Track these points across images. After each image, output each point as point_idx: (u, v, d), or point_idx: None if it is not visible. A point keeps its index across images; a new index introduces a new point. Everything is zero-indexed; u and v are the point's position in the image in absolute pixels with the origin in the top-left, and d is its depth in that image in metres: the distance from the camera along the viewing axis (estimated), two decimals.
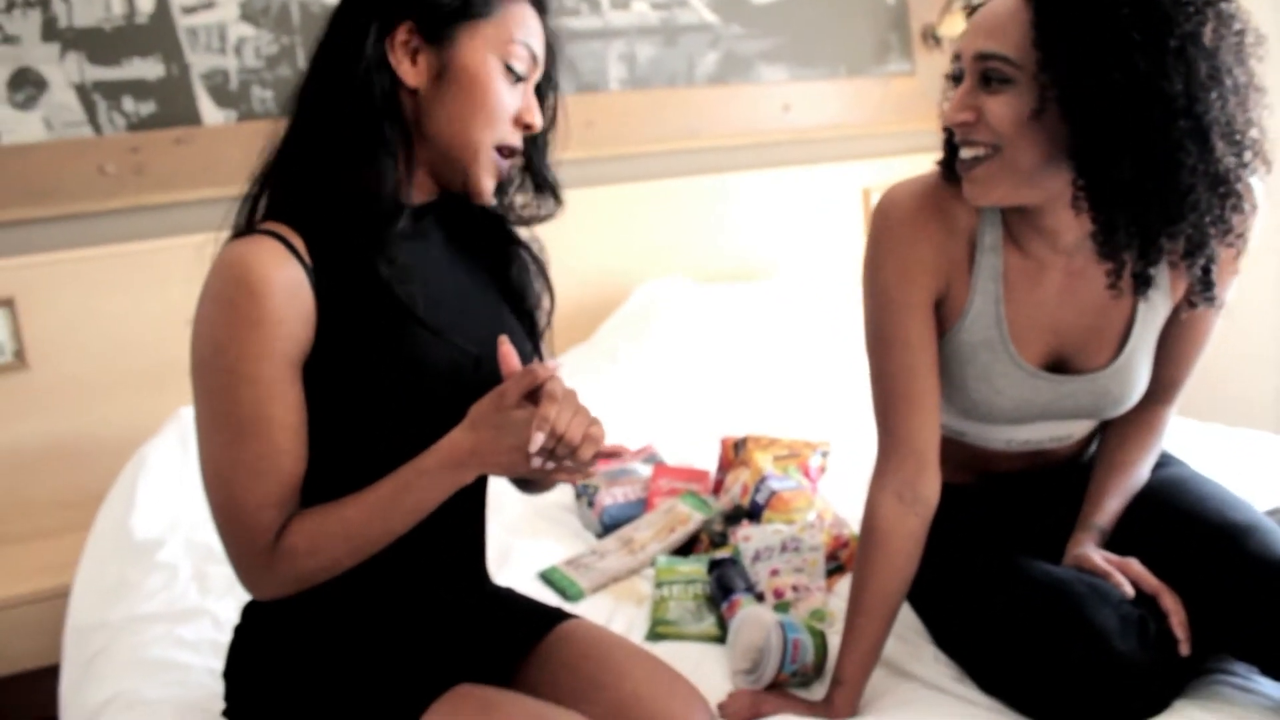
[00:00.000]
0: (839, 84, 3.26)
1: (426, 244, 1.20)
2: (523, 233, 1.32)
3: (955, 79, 1.29)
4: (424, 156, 1.17)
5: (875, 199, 1.39)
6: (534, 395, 1.08)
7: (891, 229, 1.33)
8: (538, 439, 1.02)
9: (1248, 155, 1.16)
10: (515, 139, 1.18)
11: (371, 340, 1.10)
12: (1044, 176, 1.21)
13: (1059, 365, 1.37)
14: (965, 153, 1.24)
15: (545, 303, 1.33)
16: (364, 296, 1.10)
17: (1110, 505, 1.38)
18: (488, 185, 1.18)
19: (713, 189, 3.07)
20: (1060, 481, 1.47)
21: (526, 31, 1.16)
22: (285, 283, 1.06)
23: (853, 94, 3.26)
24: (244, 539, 1.09)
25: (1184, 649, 1.20)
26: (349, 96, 1.12)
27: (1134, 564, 1.26)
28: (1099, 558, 1.29)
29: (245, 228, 1.14)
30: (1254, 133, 1.16)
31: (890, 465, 1.34)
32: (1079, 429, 1.44)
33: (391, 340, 1.11)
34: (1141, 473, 1.42)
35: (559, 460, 1.06)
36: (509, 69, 1.15)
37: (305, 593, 1.13)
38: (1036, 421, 1.39)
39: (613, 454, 1.10)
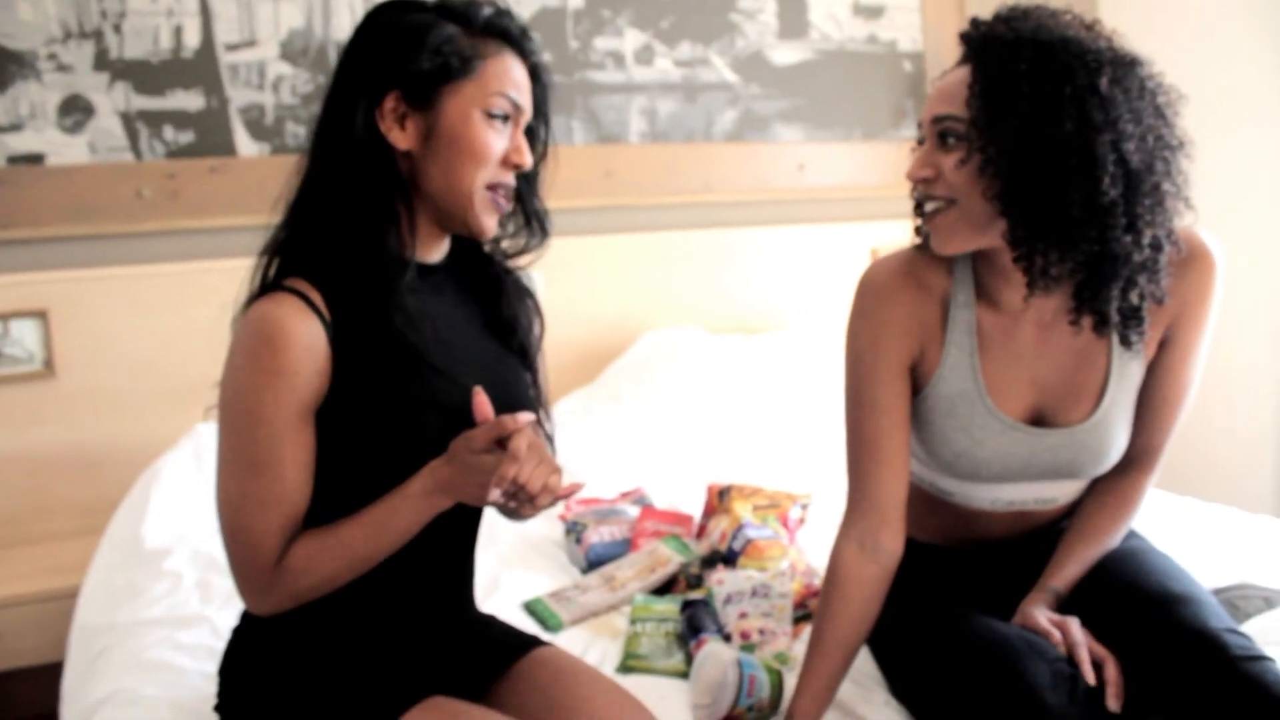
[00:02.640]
0: (854, 146, 3.36)
1: (438, 298, 1.29)
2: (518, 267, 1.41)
3: (921, 144, 1.41)
4: (426, 212, 1.26)
5: None
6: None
7: (867, 299, 1.43)
8: (494, 493, 1.13)
9: (1146, 194, 1.26)
10: (506, 177, 1.26)
11: (383, 384, 1.20)
12: (996, 219, 1.32)
13: (1039, 419, 1.44)
14: (928, 206, 1.37)
15: (536, 329, 1.42)
16: (377, 345, 1.20)
17: (1069, 571, 1.45)
18: (488, 223, 1.27)
19: (725, 242, 3.17)
20: (1038, 547, 1.52)
21: (505, 82, 1.24)
22: (303, 338, 1.16)
23: (866, 156, 3.36)
24: (248, 561, 1.20)
25: (1112, 705, 1.27)
26: (348, 167, 1.21)
27: (1073, 627, 1.34)
28: (1043, 618, 1.36)
29: (270, 284, 1.23)
30: (1156, 177, 1.26)
31: (855, 516, 1.42)
32: (1064, 492, 1.50)
33: (402, 383, 1.21)
34: (1109, 543, 1.48)
35: (519, 502, 1.16)
36: (491, 115, 1.23)
37: (300, 606, 1.23)
38: (1019, 480, 1.46)
39: (571, 492, 1.21)
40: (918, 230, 1.41)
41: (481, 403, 1.21)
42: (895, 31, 3.39)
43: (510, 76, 1.25)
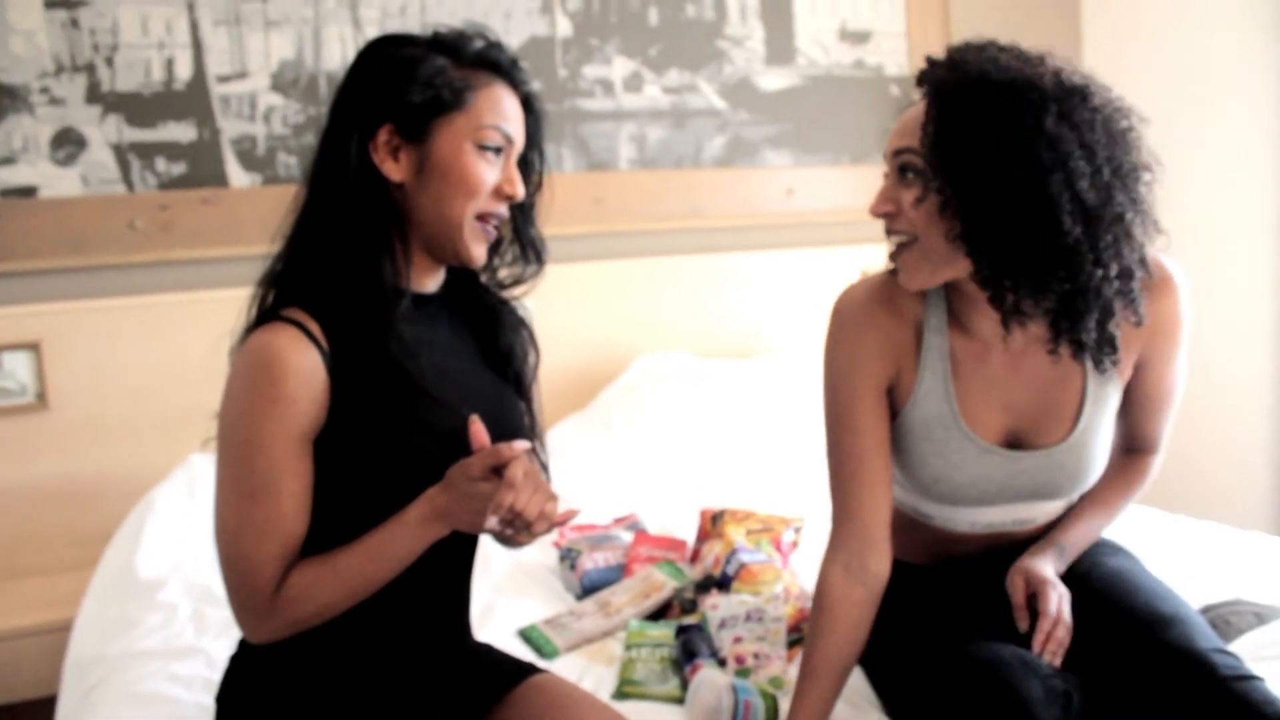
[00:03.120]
0: (842, 170, 3.38)
1: (434, 328, 1.31)
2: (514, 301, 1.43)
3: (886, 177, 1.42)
4: (419, 242, 1.27)
5: None
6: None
7: (843, 323, 1.45)
8: (492, 520, 1.14)
9: (1108, 228, 1.27)
10: (497, 207, 1.28)
11: (380, 412, 1.21)
12: (956, 255, 1.32)
13: (1015, 442, 1.45)
14: (891, 241, 1.38)
15: (531, 359, 1.43)
16: (374, 373, 1.21)
17: (1077, 530, 1.49)
18: (477, 251, 1.28)
19: (715, 267, 3.18)
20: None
21: (497, 115, 1.26)
22: (301, 367, 1.18)
23: (854, 180, 3.38)
24: (245, 589, 1.20)
25: (1047, 657, 1.32)
26: (342, 199, 1.23)
27: (1052, 598, 1.37)
28: (1048, 568, 1.41)
29: (269, 313, 1.24)
30: (1118, 208, 1.27)
31: (840, 539, 1.43)
32: (1042, 513, 1.51)
33: (398, 411, 1.22)
34: (1115, 513, 1.53)
35: (516, 529, 1.17)
36: (483, 148, 1.25)
37: (297, 635, 1.23)
38: (997, 503, 1.47)
39: (567, 519, 1.22)
40: (891, 257, 1.42)
41: (478, 431, 1.22)
42: (882, 56, 3.42)
43: (501, 108, 1.26)
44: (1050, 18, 3.50)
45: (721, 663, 1.65)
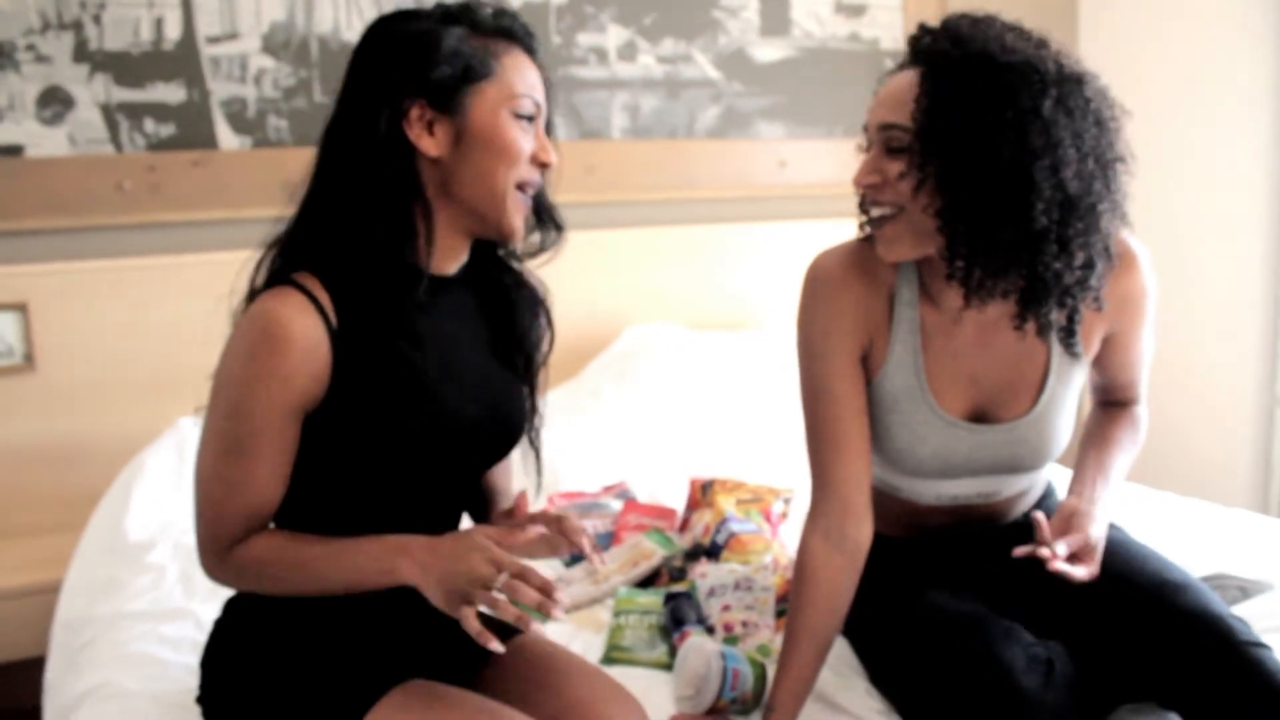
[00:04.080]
0: (834, 143, 3.37)
1: (446, 313, 1.29)
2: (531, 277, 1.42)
3: (866, 150, 1.41)
4: (449, 219, 1.25)
5: None
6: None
7: (818, 289, 1.45)
8: (466, 611, 1.12)
9: (1080, 217, 1.27)
10: (535, 175, 1.27)
11: (379, 398, 1.21)
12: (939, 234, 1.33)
13: (979, 416, 1.46)
14: (874, 211, 1.37)
15: (545, 344, 1.42)
16: (378, 358, 1.20)
17: (1109, 466, 1.47)
18: (518, 224, 1.27)
19: (707, 238, 3.18)
20: (993, 541, 1.54)
21: (526, 83, 1.24)
22: (304, 340, 1.16)
23: (847, 154, 3.30)
24: (207, 536, 1.23)
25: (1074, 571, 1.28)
26: (373, 177, 1.20)
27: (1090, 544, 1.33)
28: (1090, 533, 1.34)
29: (278, 276, 1.22)
30: (1093, 198, 1.27)
31: (820, 508, 1.44)
32: (1005, 487, 1.53)
33: (398, 400, 1.22)
34: (1124, 446, 1.52)
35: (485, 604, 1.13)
36: (518, 116, 1.23)
37: (294, 609, 1.25)
38: (962, 476, 1.48)
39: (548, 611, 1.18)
40: (862, 226, 1.43)
41: (523, 503, 1.26)
42: (877, 29, 3.40)
43: (527, 76, 1.25)
44: (1048, 2, 3.49)
45: (710, 630, 1.66)
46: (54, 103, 2.49)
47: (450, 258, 1.29)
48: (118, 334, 2.48)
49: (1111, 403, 1.59)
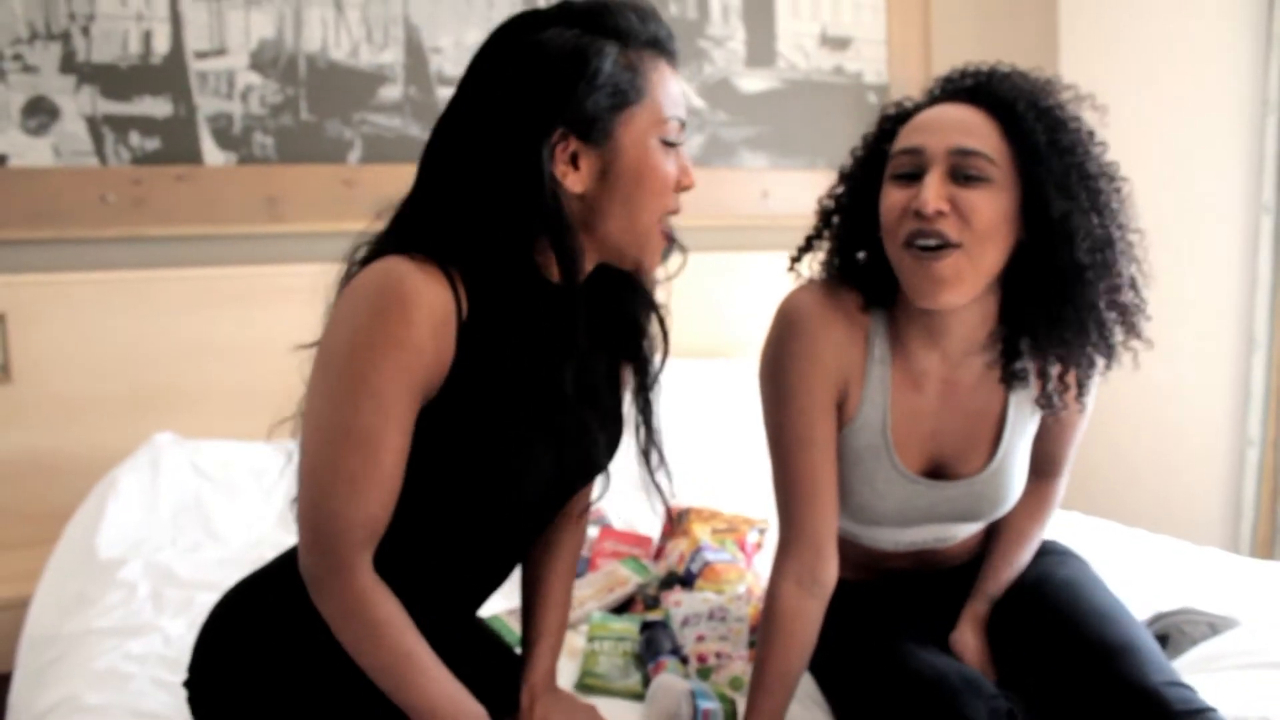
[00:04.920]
0: (817, 175, 3.39)
1: (567, 323, 1.17)
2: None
3: (906, 177, 1.31)
4: (588, 247, 1.16)
5: None
6: None
7: (795, 329, 1.40)
8: None
9: (1111, 263, 1.31)
10: (678, 203, 1.18)
11: (503, 407, 1.12)
12: (994, 272, 1.32)
13: (938, 471, 1.46)
14: (920, 242, 1.28)
15: (659, 358, 1.35)
16: (510, 362, 1.11)
17: (1002, 575, 1.52)
18: (656, 257, 1.20)
19: (689, 267, 3.16)
20: (950, 580, 1.57)
21: (674, 104, 1.15)
22: (436, 311, 1.05)
23: (829, 186, 3.39)
24: (324, 545, 1.08)
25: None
26: (507, 215, 1.10)
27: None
28: (971, 650, 1.46)
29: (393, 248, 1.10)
30: (1120, 243, 1.32)
31: (791, 553, 1.41)
32: (962, 531, 1.53)
33: (521, 411, 1.13)
34: (1033, 544, 1.55)
35: None
36: (665, 143, 1.14)
37: (298, 600, 1.13)
38: (920, 524, 1.48)
39: None
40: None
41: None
42: (861, 63, 3.44)
43: (673, 94, 1.15)
44: (1029, 31, 3.54)
45: (684, 660, 1.66)
46: (39, 113, 2.49)
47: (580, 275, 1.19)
48: (97, 347, 2.47)
49: (1037, 472, 1.56)
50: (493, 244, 1.10)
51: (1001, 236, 1.28)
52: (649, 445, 1.34)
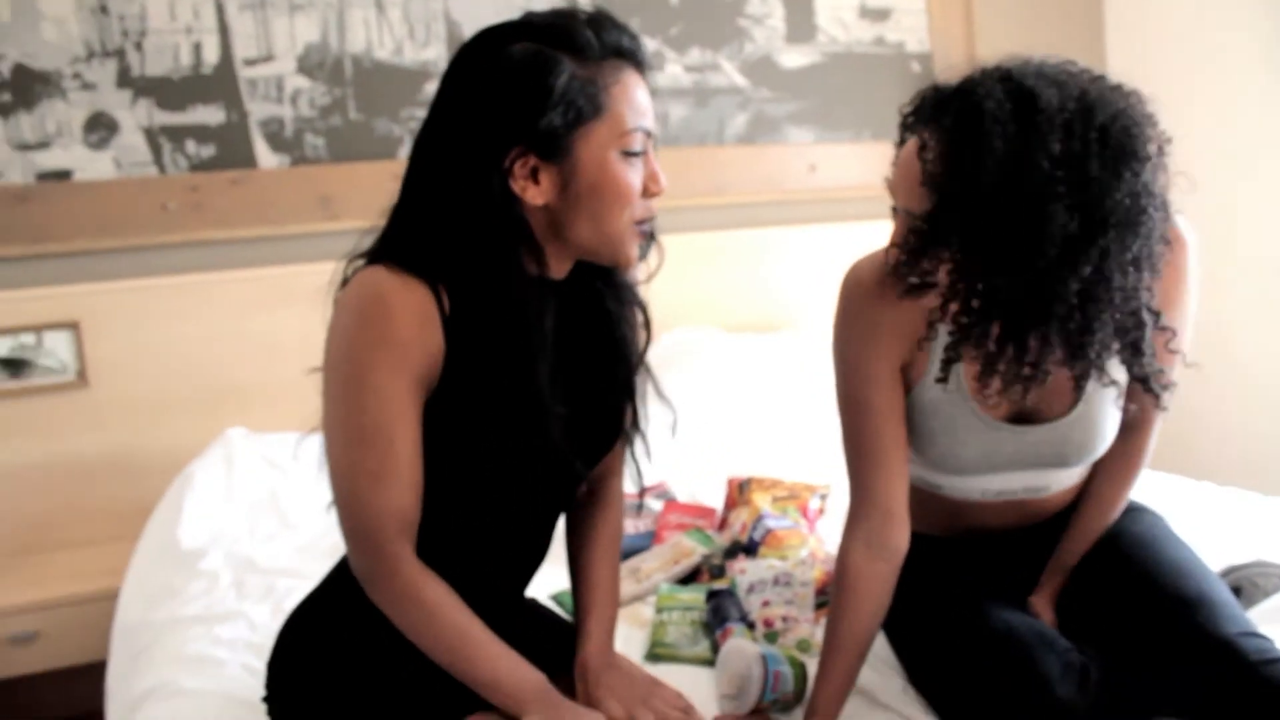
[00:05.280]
0: (863, 147, 3.40)
1: (554, 314, 1.23)
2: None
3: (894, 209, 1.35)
4: (558, 250, 1.20)
5: None
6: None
7: (855, 301, 1.43)
8: None
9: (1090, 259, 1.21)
10: (650, 210, 1.20)
11: (489, 395, 1.16)
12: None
13: (1023, 416, 1.45)
14: (910, 278, 1.30)
15: (642, 344, 1.37)
16: (492, 353, 1.16)
17: (1078, 546, 1.51)
18: (634, 255, 1.22)
19: (740, 243, 3.21)
20: (1042, 534, 1.55)
21: (637, 114, 1.16)
22: (415, 307, 1.11)
23: (876, 156, 3.39)
24: (364, 540, 1.15)
25: None
26: (472, 226, 1.14)
27: None
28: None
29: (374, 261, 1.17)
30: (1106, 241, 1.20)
31: (860, 516, 1.43)
32: (1055, 480, 1.51)
33: (507, 398, 1.17)
34: (1115, 510, 1.52)
35: None
36: (628, 154, 1.16)
37: (357, 597, 1.20)
38: (1007, 471, 1.47)
39: None
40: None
41: None
42: (902, 33, 3.43)
43: (638, 103, 1.17)
44: (1072, 3, 3.50)
45: (750, 626, 1.68)
46: (99, 128, 2.56)
47: (559, 268, 1.24)
48: (166, 349, 2.55)
49: (1123, 427, 1.50)
50: (463, 249, 1.15)
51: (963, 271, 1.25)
52: (633, 425, 1.38)
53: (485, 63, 1.15)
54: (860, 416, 1.43)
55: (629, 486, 1.46)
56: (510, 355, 1.17)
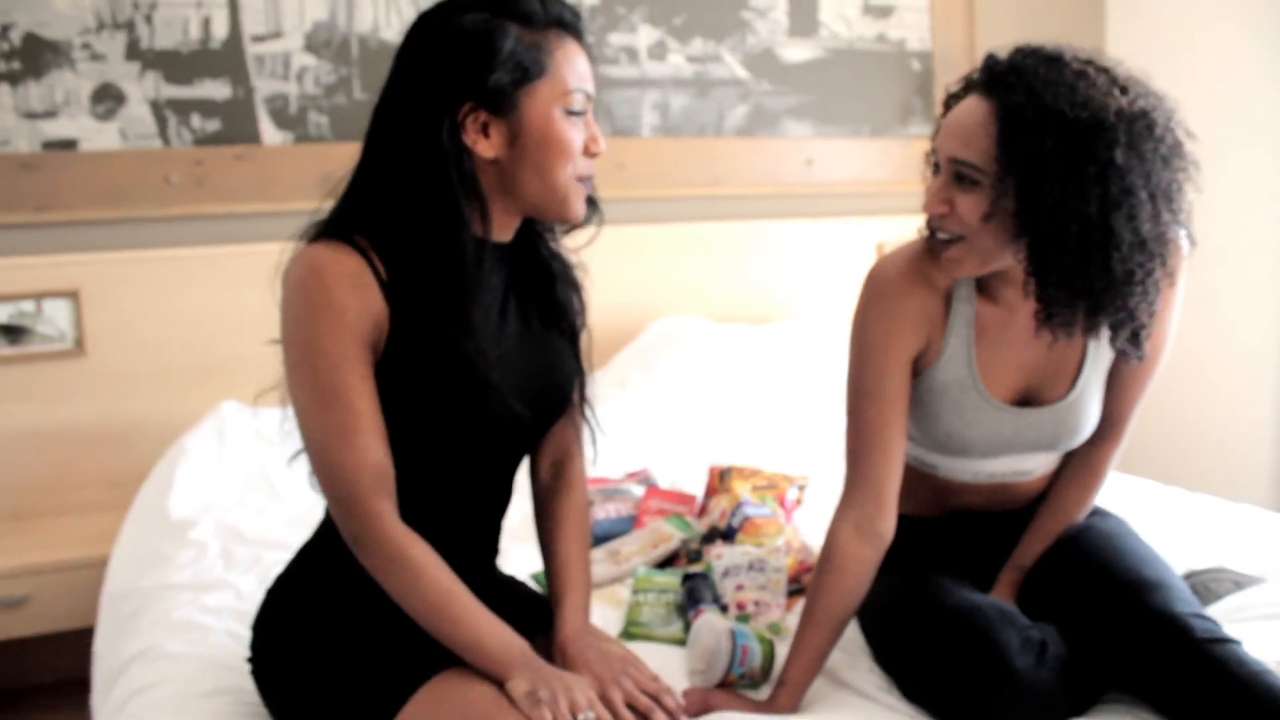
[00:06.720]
0: (861, 142, 3.43)
1: (496, 276, 1.33)
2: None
3: (935, 167, 1.45)
4: (506, 207, 1.30)
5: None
6: None
7: (878, 297, 1.50)
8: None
9: (1153, 258, 1.34)
10: (589, 168, 1.31)
11: (434, 355, 1.25)
12: (1003, 254, 1.40)
13: (1023, 400, 1.54)
14: (940, 234, 1.43)
15: (582, 312, 1.48)
16: (432, 314, 1.24)
17: (1036, 547, 1.57)
18: (579, 209, 1.32)
19: (734, 235, 3.24)
20: (1010, 522, 1.62)
21: (578, 77, 1.27)
22: (350, 274, 1.20)
23: (874, 153, 3.42)
24: (344, 499, 1.23)
25: None
26: (425, 180, 1.23)
27: None
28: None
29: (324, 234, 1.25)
30: (1162, 227, 1.34)
31: (853, 500, 1.49)
32: (1039, 465, 1.59)
33: (452, 358, 1.25)
34: (1077, 515, 1.59)
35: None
36: (570, 113, 1.26)
37: (336, 562, 1.29)
38: (1002, 455, 1.55)
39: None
40: (932, 249, 1.46)
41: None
42: (904, 31, 3.45)
43: (578, 69, 1.28)
44: (1073, 3, 3.53)
45: (724, 609, 1.73)
46: (107, 99, 2.60)
47: (504, 230, 1.33)
48: (164, 321, 2.59)
49: (1094, 433, 1.59)
50: (410, 204, 1.24)
51: (994, 226, 1.36)
52: (581, 395, 1.49)
53: (438, 29, 1.25)
54: (870, 404, 1.49)
55: (590, 455, 1.53)
56: (447, 304, 1.24)
